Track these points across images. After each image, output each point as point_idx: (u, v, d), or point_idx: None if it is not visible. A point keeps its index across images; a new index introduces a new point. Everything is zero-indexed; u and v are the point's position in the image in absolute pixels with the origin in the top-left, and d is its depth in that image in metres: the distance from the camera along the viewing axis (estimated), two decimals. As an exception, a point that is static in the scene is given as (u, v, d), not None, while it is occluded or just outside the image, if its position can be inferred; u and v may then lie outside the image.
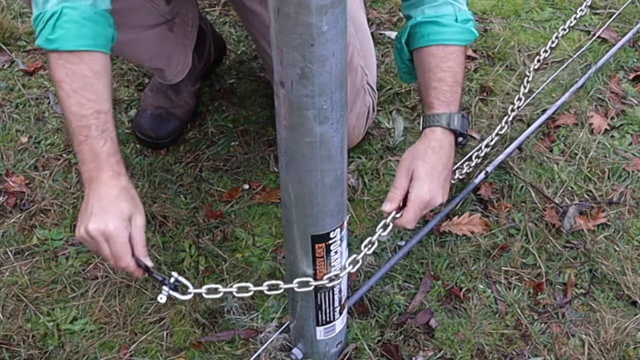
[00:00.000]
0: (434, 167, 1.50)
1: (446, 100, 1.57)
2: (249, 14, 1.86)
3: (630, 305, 1.76)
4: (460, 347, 1.68)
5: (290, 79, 1.08)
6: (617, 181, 2.03)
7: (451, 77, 1.58)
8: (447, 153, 1.54)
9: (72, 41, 1.38)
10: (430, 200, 1.48)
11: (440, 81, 1.58)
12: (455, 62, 1.59)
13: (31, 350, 1.67)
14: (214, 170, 2.06)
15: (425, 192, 1.47)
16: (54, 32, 1.38)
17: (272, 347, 1.63)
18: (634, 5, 2.61)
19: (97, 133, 1.37)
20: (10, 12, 2.55)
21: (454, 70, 1.59)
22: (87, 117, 1.38)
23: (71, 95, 1.38)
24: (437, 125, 1.55)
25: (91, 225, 1.32)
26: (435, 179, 1.49)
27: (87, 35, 1.39)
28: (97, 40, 1.40)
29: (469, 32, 1.62)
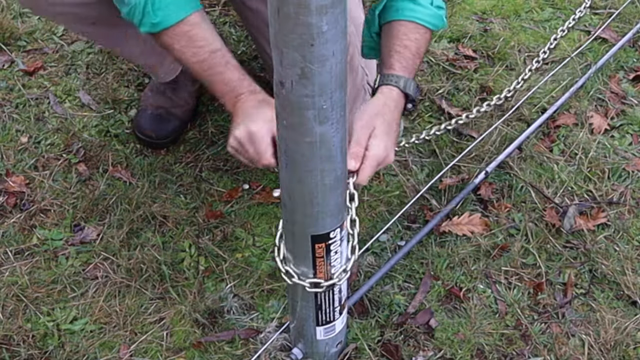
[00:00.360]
0: (390, 124, 1.51)
1: (407, 66, 1.59)
2: (249, 13, 1.86)
3: (630, 305, 1.76)
4: (460, 347, 1.68)
5: (290, 79, 1.08)
6: (617, 181, 2.03)
7: (415, 48, 1.61)
8: (399, 114, 1.56)
9: (174, 16, 1.51)
10: (385, 157, 1.48)
11: (405, 48, 1.60)
12: (422, 37, 1.62)
13: (31, 350, 1.67)
14: (214, 170, 2.06)
15: (382, 149, 1.46)
16: (155, 16, 1.50)
17: (272, 347, 1.63)
18: (633, 5, 2.61)
19: (221, 68, 1.51)
20: (10, 12, 2.55)
21: (419, 42, 1.62)
22: (205, 60, 1.52)
23: (185, 51, 1.53)
24: (395, 85, 1.56)
25: (237, 132, 1.44)
26: (391, 136, 1.50)
27: (182, 5, 1.51)
28: (191, 3, 1.53)
29: (440, 19, 1.64)
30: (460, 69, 2.37)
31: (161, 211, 1.94)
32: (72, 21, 1.86)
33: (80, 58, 2.41)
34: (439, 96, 2.27)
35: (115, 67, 2.37)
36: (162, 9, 1.50)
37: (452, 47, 2.46)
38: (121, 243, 1.87)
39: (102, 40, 2.00)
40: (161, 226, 1.92)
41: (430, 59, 2.39)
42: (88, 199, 1.97)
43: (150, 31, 1.54)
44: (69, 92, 2.30)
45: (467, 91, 2.29)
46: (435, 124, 2.18)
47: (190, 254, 1.86)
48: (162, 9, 1.50)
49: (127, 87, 2.31)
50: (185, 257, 1.85)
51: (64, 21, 1.97)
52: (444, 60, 2.39)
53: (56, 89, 2.31)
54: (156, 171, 2.05)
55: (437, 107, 2.24)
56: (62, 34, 2.50)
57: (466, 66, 2.38)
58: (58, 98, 2.27)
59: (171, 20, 1.51)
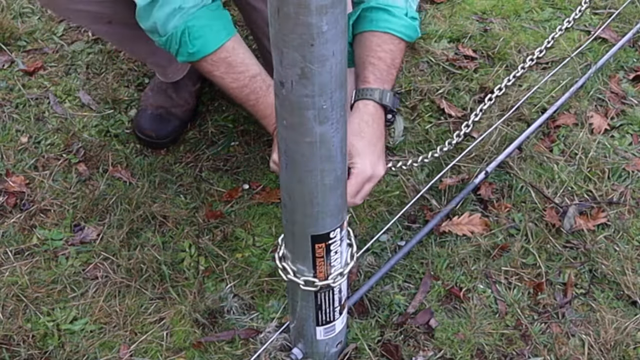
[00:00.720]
0: (370, 140, 1.51)
1: (382, 77, 1.58)
2: (252, 12, 1.86)
3: (630, 305, 1.76)
4: (460, 347, 1.68)
5: (290, 79, 1.08)
6: (617, 181, 2.03)
7: (390, 60, 1.60)
8: (380, 127, 1.56)
9: (211, 44, 1.54)
10: (373, 174, 1.49)
11: (380, 59, 1.60)
12: (396, 48, 1.62)
13: (31, 350, 1.67)
14: (214, 170, 2.06)
15: (367, 166, 1.48)
16: (193, 45, 1.53)
17: (272, 347, 1.63)
18: (633, 5, 2.61)
19: (262, 92, 1.56)
20: (10, 12, 2.55)
21: (394, 54, 1.61)
22: (246, 86, 1.57)
23: (225, 77, 1.57)
24: (370, 99, 1.56)
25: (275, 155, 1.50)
26: (374, 152, 1.50)
27: (219, 31, 1.54)
28: (227, 29, 1.56)
29: (414, 30, 1.64)
30: (460, 69, 2.37)
31: (161, 211, 1.94)
32: (90, 20, 1.87)
33: (80, 58, 2.41)
34: (438, 96, 2.27)
35: (115, 67, 2.37)
36: (199, 38, 1.53)
37: (452, 47, 2.45)
38: (121, 243, 1.87)
39: (115, 39, 2.00)
40: (161, 226, 1.92)
41: (430, 59, 2.40)
42: (88, 199, 1.97)
43: (188, 60, 1.56)
44: (69, 92, 2.30)
45: (467, 91, 2.29)
46: (435, 124, 2.19)
47: (190, 254, 1.86)
48: (198, 38, 1.52)
49: (127, 87, 2.31)
50: (185, 257, 1.85)
51: (82, 20, 1.98)
52: (444, 60, 2.39)
53: (56, 89, 2.31)
54: (156, 171, 2.05)
55: (437, 107, 2.24)
56: (62, 34, 2.50)
57: (466, 66, 2.38)
58: (58, 98, 2.28)
59: (209, 49, 1.53)
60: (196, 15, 1.52)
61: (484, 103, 2.09)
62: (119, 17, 1.82)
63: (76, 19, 2.09)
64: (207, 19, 1.53)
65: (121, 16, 1.79)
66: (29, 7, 2.59)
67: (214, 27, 1.53)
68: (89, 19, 1.87)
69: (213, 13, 1.54)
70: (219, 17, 1.55)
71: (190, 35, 1.53)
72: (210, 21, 1.53)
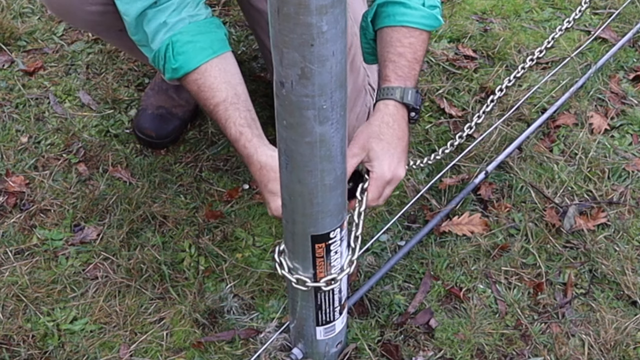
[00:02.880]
0: (390, 142, 1.48)
1: (403, 75, 1.55)
2: (255, 13, 1.86)
3: (630, 305, 1.76)
4: (460, 347, 1.68)
5: (290, 79, 1.08)
6: (617, 181, 2.03)
7: (411, 54, 1.57)
8: (401, 127, 1.52)
9: (192, 62, 1.51)
10: (392, 177, 1.47)
11: (400, 56, 1.56)
12: (417, 40, 1.58)
13: (31, 350, 1.67)
14: (214, 170, 2.06)
15: (385, 169, 1.45)
16: (175, 61, 1.51)
17: (272, 347, 1.63)
18: (633, 5, 2.61)
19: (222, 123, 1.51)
20: (10, 12, 2.55)
21: (415, 47, 1.57)
22: (211, 112, 1.53)
23: (197, 99, 1.55)
24: (391, 98, 1.52)
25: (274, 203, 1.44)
26: (394, 154, 1.47)
27: (202, 49, 1.51)
28: (212, 48, 1.53)
29: (434, 19, 1.61)
30: (460, 69, 2.37)
31: (161, 211, 1.94)
32: (101, 29, 1.88)
33: (80, 58, 2.41)
34: (438, 96, 2.27)
35: (115, 67, 2.37)
36: (182, 54, 1.51)
37: (452, 47, 2.46)
38: (121, 243, 1.87)
39: (126, 45, 2.00)
40: (161, 226, 1.92)
41: (430, 59, 2.40)
42: (88, 199, 1.97)
43: (172, 77, 1.54)
44: (69, 92, 2.30)
45: (467, 91, 2.29)
46: (435, 124, 2.19)
47: (190, 254, 1.86)
48: (181, 54, 1.51)
49: (127, 87, 2.31)
50: (185, 257, 1.85)
51: (94, 29, 1.98)
52: (444, 60, 2.39)
53: (56, 89, 2.31)
54: (156, 171, 2.05)
55: (437, 107, 2.24)
56: (62, 34, 2.50)
57: (466, 66, 2.38)
58: (58, 98, 2.28)
59: (189, 67, 1.51)
60: (182, 30, 1.51)
61: (487, 105, 2.09)
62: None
63: (89, 28, 2.10)
64: (192, 35, 1.51)
65: None
66: (29, 7, 2.59)
67: (197, 44, 1.51)
68: (101, 28, 1.88)
69: (200, 29, 1.53)
70: (206, 34, 1.53)
71: (174, 50, 1.51)
72: (195, 37, 1.51)
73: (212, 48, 1.53)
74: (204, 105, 1.55)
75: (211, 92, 1.51)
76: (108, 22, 1.80)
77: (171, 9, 1.52)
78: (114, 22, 1.81)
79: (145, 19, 1.53)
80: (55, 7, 1.82)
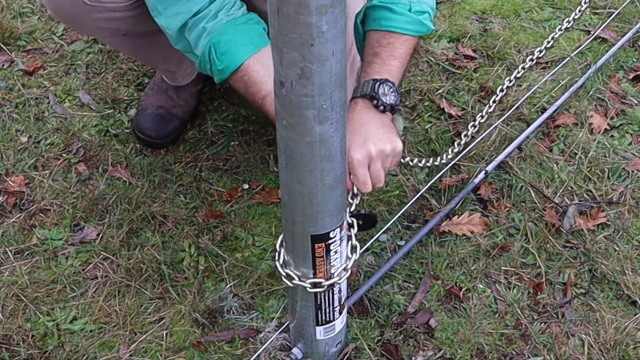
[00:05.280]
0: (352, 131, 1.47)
1: (371, 72, 1.56)
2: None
3: (630, 305, 1.76)
4: (460, 347, 1.68)
5: (290, 79, 1.08)
6: (617, 181, 2.03)
7: (387, 53, 1.58)
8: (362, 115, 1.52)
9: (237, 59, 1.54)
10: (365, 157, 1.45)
11: (375, 56, 1.58)
12: (398, 41, 1.59)
13: (31, 350, 1.67)
14: (214, 170, 2.06)
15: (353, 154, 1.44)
16: (220, 62, 1.54)
17: (272, 347, 1.63)
18: (633, 5, 2.61)
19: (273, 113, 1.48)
20: (10, 12, 2.55)
21: (393, 46, 1.59)
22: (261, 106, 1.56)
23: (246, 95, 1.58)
24: (354, 97, 1.54)
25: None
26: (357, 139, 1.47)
27: (244, 46, 1.54)
28: (253, 43, 1.56)
29: (420, 24, 1.61)
30: (460, 69, 2.37)
31: (161, 211, 1.94)
32: (107, 34, 1.90)
33: (80, 58, 2.41)
34: (438, 96, 2.27)
35: (115, 67, 2.37)
36: (225, 54, 1.54)
37: (452, 47, 2.46)
38: (121, 243, 1.87)
39: (130, 49, 2.02)
40: (161, 226, 1.92)
41: (430, 59, 2.40)
42: (88, 199, 1.97)
43: (222, 78, 1.57)
44: (69, 92, 2.30)
45: (467, 91, 2.29)
46: (435, 124, 2.19)
47: (190, 254, 1.86)
48: (225, 54, 1.54)
49: (127, 87, 2.31)
50: (185, 257, 1.85)
51: (99, 35, 2.00)
52: (444, 60, 2.39)
53: (56, 89, 2.31)
54: (156, 171, 2.05)
55: (437, 107, 2.24)
56: (62, 34, 2.50)
57: (466, 66, 2.38)
58: (58, 98, 2.28)
59: (234, 66, 1.54)
60: (221, 31, 1.54)
61: (490, 106, 2.08)
62: (135, 31, 1.84)
63: (95, 35, 2.12)
64: (232, 35, 1.54)
65: (138, 29, 1.81)
66: (29, 7, 2.59)
67: (238, 43, 1.54)
68: (107, 34, 1.89)
69: (239, 28, 1.55)
70: (245, 32, 1.56)
71: (217, 51, 1.54)
72: (235, 36, 1.54)
73: (252, 44, 1.56)
74: (253, 101, 1.57)
75: (257, 86, 1.55)
76: (113, 29, 1.81)
77: (210, 15, 1.55)
78: (121, 28, 1.82)
79: (187, 29, 1.57)
80: (63, 16, 1.83)
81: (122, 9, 1.73)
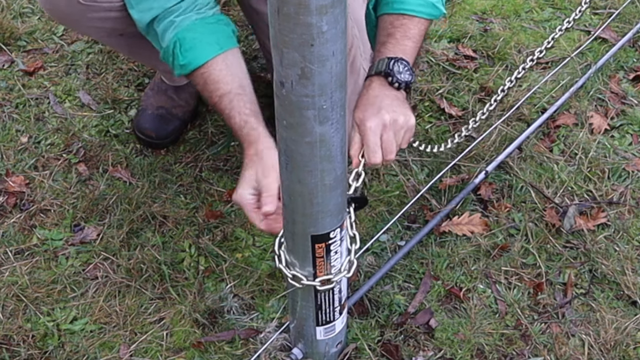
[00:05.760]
0: (365, 103, 1.49)
1: (386, 51, 1.57)
2: (255, 14, 1.87)
3: (630, 305, 1.76)
4: (460, 347, 1.68)
5: (290, 79, 1.08)
6: (617, 181, 2.03)
7: (401, 33, 1.58)
8: (376, 90, 1.52)
9: (201, 57, 1.54)
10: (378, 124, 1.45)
11: (389, 36, 1.59)
12: (410, 22, 1.60)
13: (31, 350, 1.67)
14: (214, 170, 2.06)
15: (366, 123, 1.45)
16: (183, 57, 1.54)
17: (272, 347, 1.63)
18: (634, 5, 2.61)
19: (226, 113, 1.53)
20: (10, 12, 2.55)
21: (406, 27, 1.59)
22: (217, 104, 1.55)
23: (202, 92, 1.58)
24: (368, 76, 1.55)
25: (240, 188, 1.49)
26: (370, 109, 1.48)
27: (210, 45, 1.54)
28: (219, 44, 1.55)
29: (433, 7, 1.62)
30: (460, 69, 2.37)
31: (161, 211, 1.94)
32: (102, 34, 1.89)
33: (80, 58, 2.41)
34: (438, 96, 2.27)
35: (115, 67, 2.37)
36: (189, 50, 1.54)
37: (452, 47, 2.46)
38: (121, 243, 1.87)
39: (126, 49, 2.02)
40: (161, 226, 1.92)
41: (430, 59, 2.40)
42: (88, 199, 1.97)
43: (181, 73, 1.57)
44: (69, 92, 2.30)
45: (467, 91, 2.29)
46: (435, 124, 2.19)
47: (190, 254, 1.86)
48: (189, 50, 1.54)
49: (127, 87, 2.31)
50: (185, 257, 1.85)
51: (95, 34, 1.99)
52: (444, 60, 2.39)
53: (56, 89, 2.31)
54: (156, 171, 2.05)
55: (437, 107, 2.24)
56: (62, 34, 2.50)
57: (466, 66, 2.38)
58: (58, 98, 2.28)
59: (197, 63, 1.54)
60: (188, 27, 1.54)
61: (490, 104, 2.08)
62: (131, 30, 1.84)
63: (91, 34, 2.12)
64: (200, 33, 1.54)
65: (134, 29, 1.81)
66: (29, 7, 2.59)
67: (204, 40, 1.54)
68: (103, 34, 1.89)
69: (208, 27, 1.56)
70: (213, 32, 1.56)
71: (182, 47, 1.54)
72: (202, 35, 1.54)
73: (218, 44, 1.55)
74: (209, 97, 1.57)
75: (216, 84, 1.54)
76: (109, 28, 1.81)
77: (180, 10, 1.55)
78: (116, 27, 1.81)
79: (156, 20, 1.58)
80: (59, 15, 1.83)
81: (117, 9, 1.72)
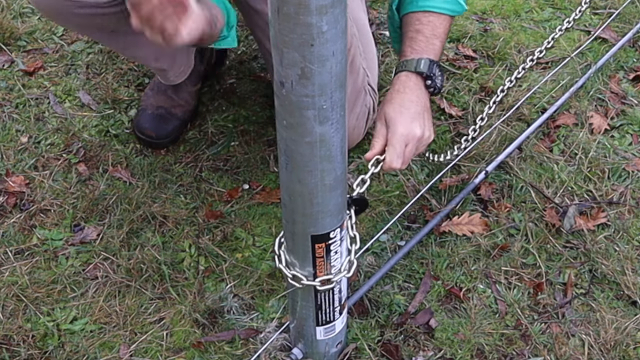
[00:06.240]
0: (401, 104, 1.53)
1: (419, 48, 1.59)
2: (253, 14, 1.87)
3: (630, 305, 1.76)
4: (460, 347, 1.68)
5: (290, 79, 1.08)
6: (617, 181, 2.03)
7: (429, 30, 1.61)
8: (414, 92, 1.56)
9: None
10: (408, 134, 1.50)
11: (417, 32, 1.62)
12: (437, 19, 1.63)
13: (31, 350, 1.67)
14: (214, 170, 2.06)
15: (398, 127, 1.49)
16: None
17: (272, 347, 1.63)
18: (633, 5, 2.61)
19: None
20: (10, 12, 2.55)
21: (434, 24, 1.62)
22: None
23: None
24: (403, 70, 1.57)
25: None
26: (406, 114, 1.51)
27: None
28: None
29: (456, 3, 1.65)
30: (460, 69, 2.37)
31: (161, 211, 1.94)
32: (95, 31, 1.88)
33: (80, 58, 2.41)
34: (438, 96, 2.26)
35: (115, 67, 2.37)
36: None
37: (452, 47, 2.46)
38: (121, 243, 1.87)
39: (119, 46, 2.01)
40: (161, 226, 1.92)
41: (430, 59, 2.39)
42: (88, 199, 1.97)
43: None
44: (69, 92, 2.30)
45: (467, 91, 2.29)
46: (435, 124, 2.19)
47: (190, 254, 1.86)
48: None
49: (127, 87, 2.31)
50: (185, 257, 1.85)
51: (84, 30, 1.98)
52: (444, 60, 2.39)
53: (56, 89, 2.31)
54: (156, 171, 2.05)
55: (437, 107, 2.24)
56: (62, 34, 2.50)
57: (466, 66, 2.38)
58: (58, 98, 2.28)
59: None
60: None
61: (489, 106, 2.08)
62: (121, 28, 1.83)
63: (81, 30, 2.10)
64: None
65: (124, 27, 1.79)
66: (29, 7, 2.59)
67: None
68: (93, 30, 1.88)
69: None
70: None
71: None
72: None
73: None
74: None
75: None
76: (98, 25, 1.80)
77: None
78: (105, 24, 1.81)
79: None
80: (46, 10, 1.82)
81: (103, 5, 1.71)
